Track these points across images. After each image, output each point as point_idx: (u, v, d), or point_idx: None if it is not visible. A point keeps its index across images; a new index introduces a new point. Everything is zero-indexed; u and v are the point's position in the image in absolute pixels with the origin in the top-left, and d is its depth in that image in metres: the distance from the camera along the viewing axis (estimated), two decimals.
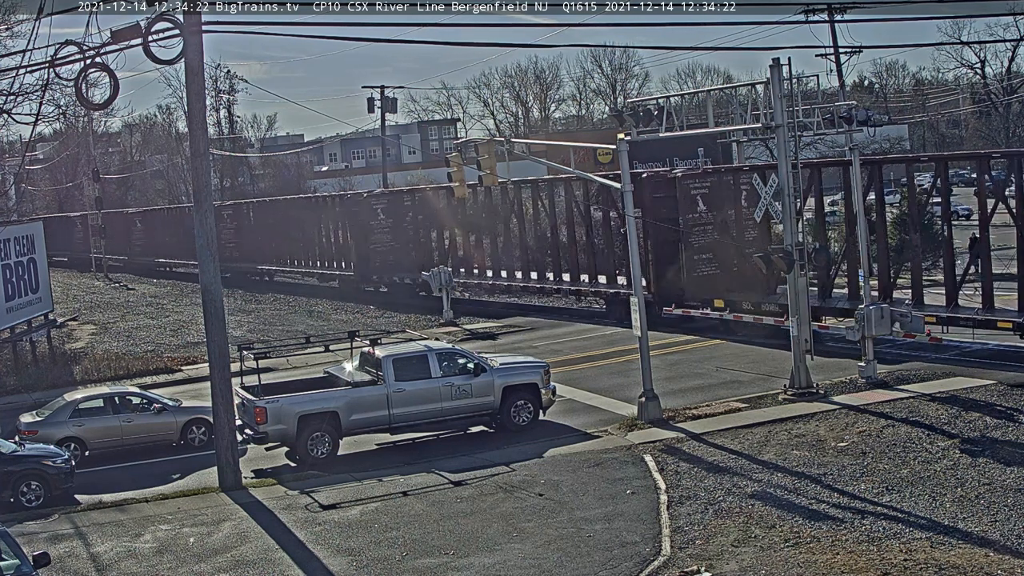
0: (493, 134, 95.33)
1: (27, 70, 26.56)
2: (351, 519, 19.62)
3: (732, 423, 23.90)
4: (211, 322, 22.38)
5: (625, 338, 33.35)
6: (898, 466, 20.08)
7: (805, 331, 25.84)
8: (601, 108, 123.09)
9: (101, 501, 21.78)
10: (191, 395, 29.44)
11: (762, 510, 18.41)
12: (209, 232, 22.26)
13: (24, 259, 37.07)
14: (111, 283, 67.64)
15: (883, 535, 16.91)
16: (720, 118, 35.55)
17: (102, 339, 42.91)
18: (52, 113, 64.16)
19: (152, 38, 21.19)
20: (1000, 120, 73.18)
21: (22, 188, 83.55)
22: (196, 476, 23.52)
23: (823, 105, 29.13)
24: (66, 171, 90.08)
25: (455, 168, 27.82)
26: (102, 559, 18.40)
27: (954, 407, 23.27)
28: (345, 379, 25.05)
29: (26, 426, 24.71)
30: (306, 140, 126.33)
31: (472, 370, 24.80)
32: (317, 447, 23.66)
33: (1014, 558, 15.69)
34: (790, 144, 25.87)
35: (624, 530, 17.97)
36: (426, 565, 17.14)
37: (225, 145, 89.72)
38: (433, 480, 21.68)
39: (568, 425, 25.32)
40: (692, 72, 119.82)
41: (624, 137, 26.24)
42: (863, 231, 27.25)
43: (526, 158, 32.66)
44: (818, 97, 33.05)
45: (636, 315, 25.03)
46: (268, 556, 18.09)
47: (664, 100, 32.00)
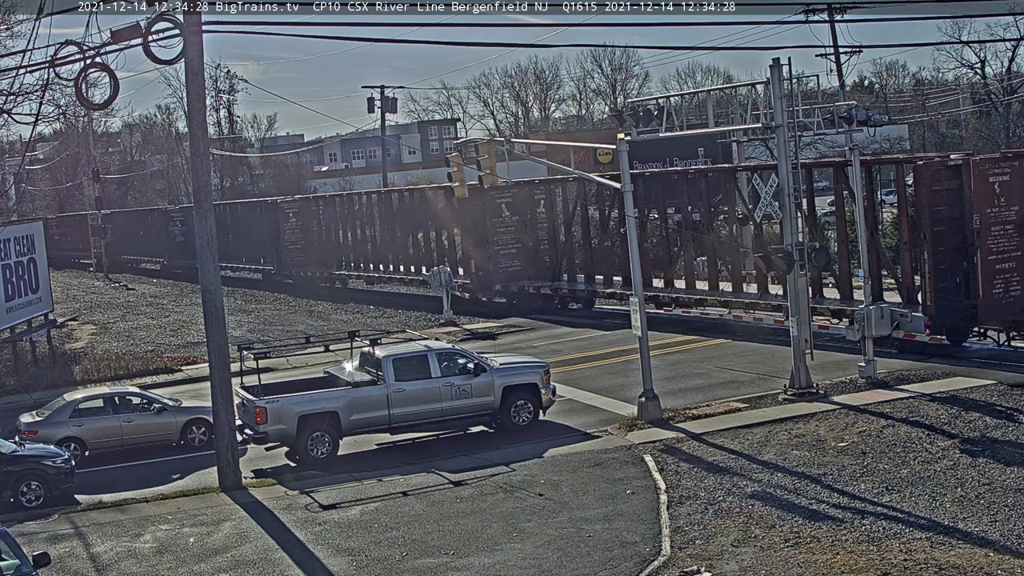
0: (493, 134, 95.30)
1: (27, 70, 26.62)
2: (351, 519, 19.62)
3: (732, 423, 23.89)
4: (211, 322, 22.38)
5: (625, 338, 33.34)
6: (898, 466, 20.08)
7: (805, 331, 25.85)
8: (601, 108, 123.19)
9: (101, 501, 21.78)
10: (191, 395, 29.45)
11: (762, 510, 18.41)
12: (209, 232, 22.25)
13: (24, 259, 37.07)
14: (111, 283, 67.69)
15: (883, 535, 16.91)
16: (720, 118, 35.72)
17: (102, 339, 42.93)
18: (52, 113, 64.42)
19: (152, 38, 21.19)
20: (1000, 120, 73.10)
21: (22, 188, 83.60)
22: (196, 476, 23.52)
23: (823, 105, 29.27)
24: (66, 171, 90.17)
25: (455, 168, 27.85)
26: (102, 559, 18.41)
27: (954, 407, 23.26)
28: (345, 379, 25.04)
29: (26, 426, 24.71)
30: (306, 140, 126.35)
31: (472, 370, 24.80)
32: (317, 447, 23.66)
33: (1014, 558, 15.69)
34: (790, 144, 25.87)
35: (624, 530, 17.97)
36: (426, 565, 17.14)
37: (225, 145, 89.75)
38: (433, 480, 21.68)
39: (568, 425, 25.32)
40: (692, 72, 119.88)
41: (624, 137, 26.24)
42: (862, 231, 27.24)
43: (526, 158, 32.69)
44: (818, 97, 33.22)
45: (636, 315, 25.03)
46: (268, 556, 18.09)
47: (664, 100, 32.21)
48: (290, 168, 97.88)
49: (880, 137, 47.61)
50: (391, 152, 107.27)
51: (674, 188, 37.10)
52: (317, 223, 57.10)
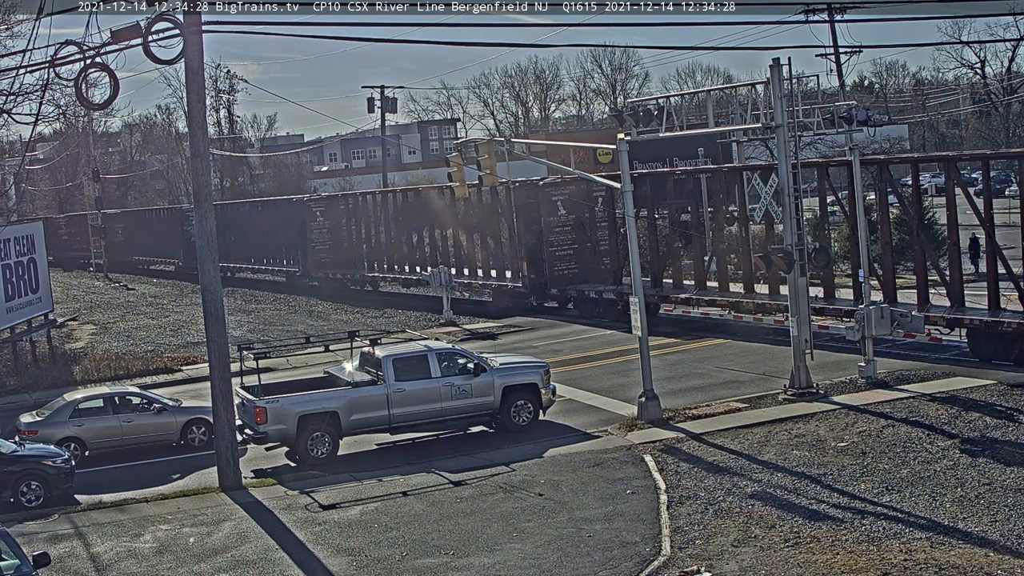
0: (493, 134, 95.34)
1: (27, 70, 26.63)
2: (351, 519, 19.62)
3: (732, 423, 23.89)
4: (211, 322, 22.38)
5: (625, 338, 33.35)
6: (898, 466, 20.08)
7: (805, 331, 25.85)
8: (601, 108, 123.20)
9: (101, 501, 21.78)
10: (191, 395, 29.45)
11: (762, 510, 18.41)
12: (209, 232, 22.25)
13: (24, 259, 37.08)
14: (111, 283, 67.68)
15: (883, 535, 16.91)
16: (720, 118, 35.66)
17: (102, 339, 42.93)
18: (52, 113, 64.42)
19: (152, 38, 21.19)
20: (1000, 120, 73.11)
21: (22, 188, 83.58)
22: (196, 476, 23.52)
23: (823, 105, 29.24)
24: (66, 171, 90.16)
25: (455, 168, 27.85)
26: (102, 559, 18.41)
27: (954, 407, 23.27)
28: (345, 379, 25.05)
29: (26, 426, 24.71)
30: (306, 140, 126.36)
31: (472, 370, 24.80)
32: (317, 447, 23.65)
33: (1014, 558, 15.69)
34: (790, 144, 25.87)
35: (624, 530, 17.97)
36: (426, 565, 17.14)
37: (225, 145, 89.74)
38: (433, 480, 21.68)
39: (568, 425, 25.32)
40: (692, 72, 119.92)
41: (624, 137, 26.24)
42: (863, 231, 27.23)
43: (526, 158, 32.68)
44: (818, 97, 33.17)
45: (636, 315, 25.03)
46: (268, 556, 18.09)
47: (664, 100, 32.14)
48: (290, 168, 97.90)
49: (880, 137, 47.58)
50: (391, 152, 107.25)
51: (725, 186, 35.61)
52: (346, 222, 53.98)
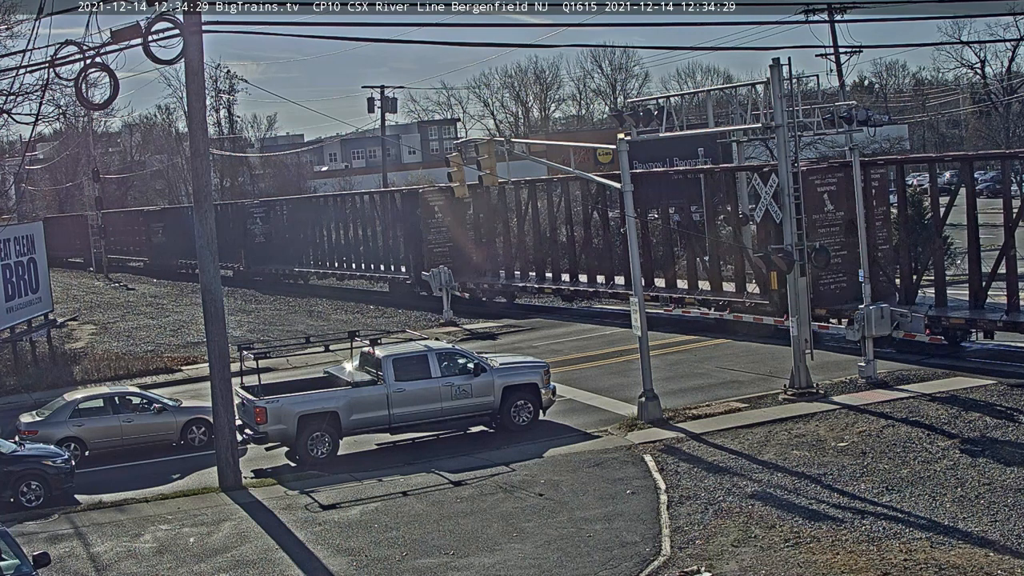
0: (493, 134, 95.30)
1: (27, 70, 26.64)
2: (351, 519, 19.62)
3: (732, 423, 23.90)
4: (211, 322, 22.38)
5: (625, 338, 33.35)
6: (898, 466, 20.08)
7: (805, 331, 25.84)
8: (601, 108, 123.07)
9: (101, 501, 21.78)
10: (191, 395, 29.44)
11: (762, 510, 18.41)
12: (209, 232, 22.25)
13: (24, 259, 37.11)
14: (111, 283, 67.68)
15: (883, 535, 16.91)
16: (720, 118, 35.55)
17: (102, 339, 42.93)
18: (52, 113, 64.26)
19: (152, 38, 21.19)
20: (1000, 120, 73.08)
21: (22, 188, 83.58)
22: (196, 476, 23.52)
23: (823, 105, 29.17)
24: (66, 171, 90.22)
25: (455, 168, 27.84)
26: (102, 559, 18.41)
27: (954, 407, 23.27)
28: (345, 379, 25.05)
29: (26, 426, 24.71)
30: (306, 140, 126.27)
31: (472, 370, 24.80)
32: (317, 447, 23.66)
33: (1014, 558, 15.69)
34: (790, 144, 25.86)
35: (624, 530, 17.97)
36: (426, 565, 17.14)
37: (225, 145, 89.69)
38: (433, 480, 21.68)
39: (568, 425, 25.32)
40: (692, 72, 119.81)
41: (624, 137, 26.24)
42: (863, 231, 27.22)
43: (526, 158, 32.66)
44: (818, 97, 33.07)
45: (636, 315, 25.03)
46: (268, 556, 18.09)
47: (664, 100, 32.04)
48: (290, 168, 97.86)
49: (880, 137, 47.53)
50: (391, 152, 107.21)
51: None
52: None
